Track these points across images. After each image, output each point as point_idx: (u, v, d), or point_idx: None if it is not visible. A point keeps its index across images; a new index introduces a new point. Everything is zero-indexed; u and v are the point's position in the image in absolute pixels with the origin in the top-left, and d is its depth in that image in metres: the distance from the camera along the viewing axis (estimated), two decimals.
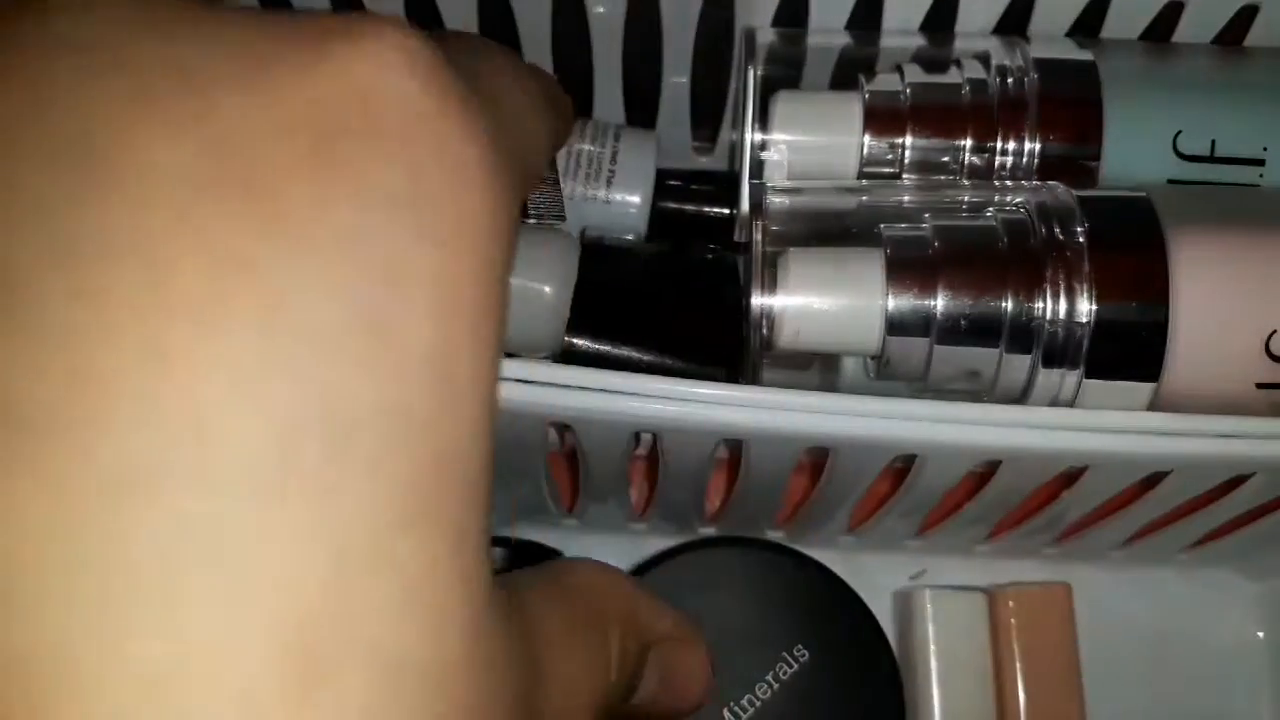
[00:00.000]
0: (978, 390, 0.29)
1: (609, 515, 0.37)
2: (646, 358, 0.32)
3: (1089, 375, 0.28)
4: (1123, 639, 0.37)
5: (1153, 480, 0.30)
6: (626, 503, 0.36)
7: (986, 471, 0.31)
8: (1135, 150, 0.32)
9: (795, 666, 0.32)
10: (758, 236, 0.29)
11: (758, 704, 0.31)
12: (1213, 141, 0.32)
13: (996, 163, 0.32)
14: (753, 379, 0.30)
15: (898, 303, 0.28)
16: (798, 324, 0.28)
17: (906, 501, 0.33)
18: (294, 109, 0.12)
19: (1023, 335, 0.28)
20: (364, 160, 0.13)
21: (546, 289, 0.31)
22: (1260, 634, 0.38)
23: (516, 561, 0.32)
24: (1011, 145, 0.32)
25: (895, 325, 0.28)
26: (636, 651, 0.21)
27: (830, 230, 0.30)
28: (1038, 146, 0.32)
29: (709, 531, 0.37)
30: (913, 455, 0.29)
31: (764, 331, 0.28)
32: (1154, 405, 0.28)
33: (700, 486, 0.33)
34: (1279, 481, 0.29)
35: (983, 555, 0.38)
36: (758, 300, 0.28)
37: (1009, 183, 0.31)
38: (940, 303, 0.28)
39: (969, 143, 0.32)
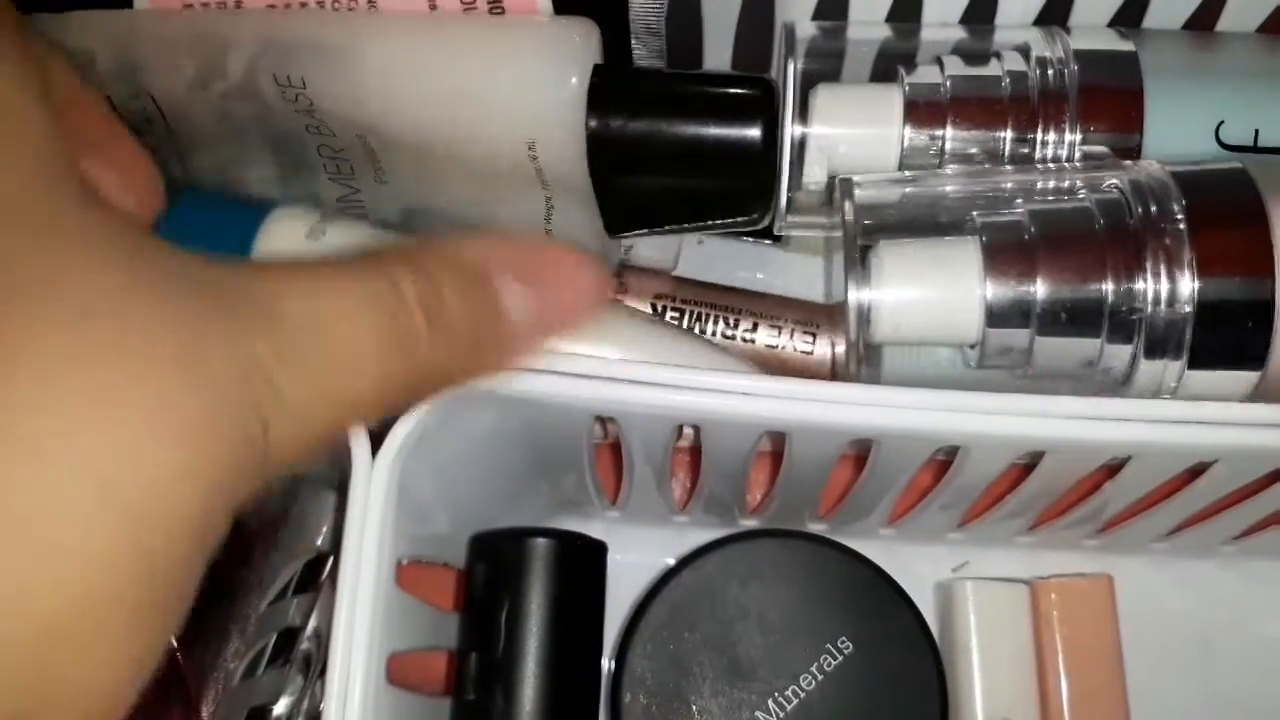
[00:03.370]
0: (1079, 379, 0.29)
1: (652, 507, 0.37)
2: (679, 131, 0.30)
3: (1192, 366, 0.27)
4: (1166, 630, 0.37)
5: (1197, 471, 0.30)
6: (669, 494, 0.36)
7: (1030, 463, 0.31)
8: (1177, 141, 0.32)
9: (839, 658, 0.32)
10: (849, 229, 0.29)
11: (801, 695, 0.31)
12: (1256, 131, 0.31)
13: (1037, 155, 0.32)
14: (857, 377, 0.30)
15: (997, 291, 0.28)
16: (896, 317, 0.28)
17: (949, 493, 0.33)
18: None
19: (1124, 322, 0.27)
20: None
21: (573, 79, 0.29)
22: None
23: (563, 554, 0.32)
24: (1052, 137, 0.32)
25: (995, 314, 0.28)
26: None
27: (920, 220, 0.30)
28: (1078, 138, 0.32)
29: (751, 523, 0.37)
30: (955, 447, 0.29)
31: (863, 327, 0.28)
32: (1259, 392, 0.28)
33: (742, 479, 0.33)
34: None
35: (1024, 546, 0.38)
36: (854, 295, 0.28)
37: (1074, 165, 0.31)
38: (1040, 288, 0.27)
39: (1009, 134, 0.32)
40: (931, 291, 0.28)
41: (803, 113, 0.33)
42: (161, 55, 0.31)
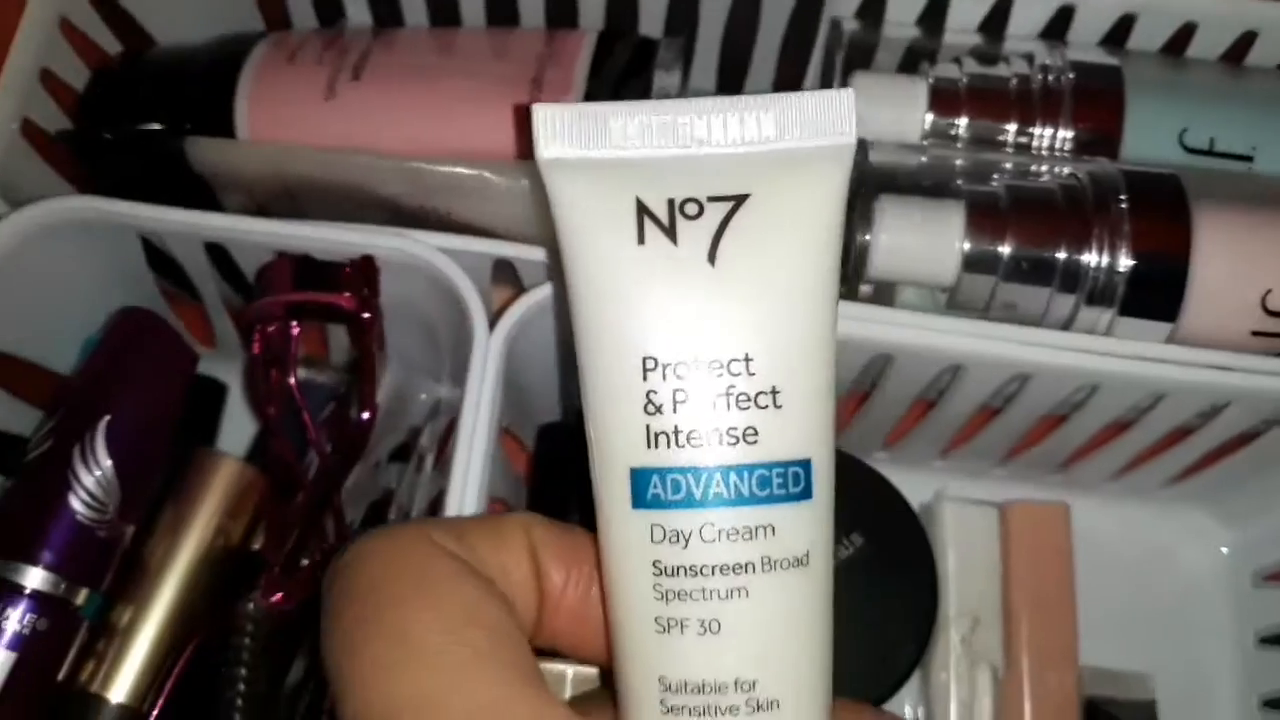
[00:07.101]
0: (1028, 321, 0.35)
1: None
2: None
3: (1121, 313, 0.34)
4: (1108, 559, 0.43)
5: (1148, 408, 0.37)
6: None
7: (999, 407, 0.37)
8: (1149, 141, 0.38)
9: (850, 550, 0.37)
10: (859, 183, 0.35)
11: None
12: (1211, 139, 0.38)
13: (1035, 143, 0.38)
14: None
15: (972, 245, 0.34)
16: (888, 257, 0.34)
17: (939, 420, 0.39)
18: None
19: (1071, 278, 0.34)
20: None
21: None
22: (1224, 550, 0.45)
23: None
24: (1048, 130, 0.38)
25: (969, 264, 0.34)
26: None
27: (918, 182, 0.36)
28: (1070, 133, 0.38)
29: None
30: (947, 385, 0.35)
31: (861, 263, 0.35)
32: (1173, 338, 0.34)
33: None
34: (1252, 413, 0.36)
35: (995, 479, 0.44)
36: (858, 237, 0.34)
37: (1064, 153, 0.38)
38: (1007, 248, 0.34)
39: (1014, 125, 0.38)
40: (920, 239, 0.34)
41: None
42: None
